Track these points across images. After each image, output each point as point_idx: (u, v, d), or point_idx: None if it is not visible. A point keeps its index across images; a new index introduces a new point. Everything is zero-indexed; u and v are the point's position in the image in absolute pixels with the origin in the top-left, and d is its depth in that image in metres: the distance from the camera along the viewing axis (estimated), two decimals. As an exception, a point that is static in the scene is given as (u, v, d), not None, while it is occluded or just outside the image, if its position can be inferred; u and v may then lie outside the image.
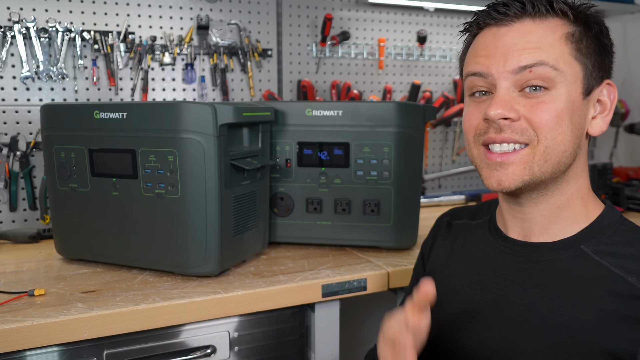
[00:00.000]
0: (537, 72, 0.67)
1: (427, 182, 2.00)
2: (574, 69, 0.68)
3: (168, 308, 0.94)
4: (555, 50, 0.67)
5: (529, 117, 0.67)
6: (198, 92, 1.65)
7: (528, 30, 0.68)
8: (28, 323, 0.86)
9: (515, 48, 0.68)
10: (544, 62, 0.67)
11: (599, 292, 0.67)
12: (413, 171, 1.24)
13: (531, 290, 0.72)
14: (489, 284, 0.77)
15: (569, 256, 0.71)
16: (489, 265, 0.78)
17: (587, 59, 0.69)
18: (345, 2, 1.82)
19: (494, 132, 0.69)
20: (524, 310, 0.72)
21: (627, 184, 1.87)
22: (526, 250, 0.74)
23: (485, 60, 0.70)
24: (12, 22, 1.41)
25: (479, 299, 0.77)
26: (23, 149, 1.45)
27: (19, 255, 1.25)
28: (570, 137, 0.68)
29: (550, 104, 0.67)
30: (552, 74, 0.67)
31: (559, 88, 0.67)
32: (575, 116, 0.68)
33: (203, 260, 1.04)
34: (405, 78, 1.94)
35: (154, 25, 1.58)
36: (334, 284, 1.07)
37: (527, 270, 0.73)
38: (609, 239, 0.70)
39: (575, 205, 0.72)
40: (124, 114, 1.05)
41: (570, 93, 0.68)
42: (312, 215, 1.26)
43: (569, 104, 0.67)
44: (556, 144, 0.67)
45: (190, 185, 1.02)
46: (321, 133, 1.23)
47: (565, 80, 0.67)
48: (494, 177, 0.70)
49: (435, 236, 0.92)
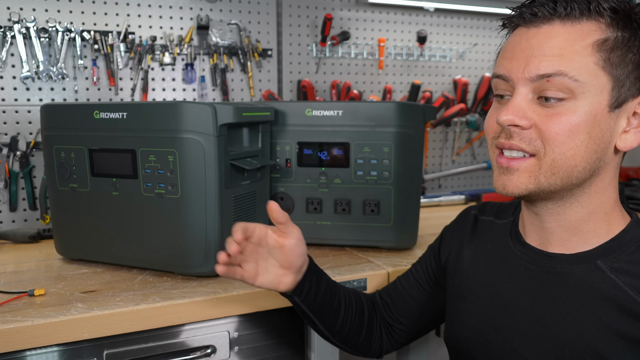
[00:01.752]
0: (555, 82, 0.63)
1: (427, 182, 2.00)
2: (599, 80, 0.63)
3: (168, 308, 0.94)
4: (579, 59, 0.63)
5: (540, 127, 0.65)
6: (198, 92, 1.65)
7: (555, 35, 0.64)
8: (28, 323, 0.86)
9: (537, 53, 0.64)
10: (563, 72, 0.63)
11: (608, 311, 0.64)
12: (413, 171, 1.23)
13: (542, 301, 0.71)
14: (501, 289, 0.76)
15: (583, 271, 0.68)
16: (505, 269, 0.77)
17: (620, 69, 0.64)
18: (345, 2, 1.82)
19: (504, 137, 0.68)
20: (532, 321, 0.71)
21: (627, 184, 1.87)
22: (541, 260, 0.72)
23: (508, 63, 0.67)
24: (12, 22, 1.41)
25: (491, 302, 0.77)
26: (23, 149, 1.45)
27: (19, 255, 1.25)
28: (584, 152, 0.64)
29: (565, 116, 0.63)
30: (571, 85, 0.63)
31: (580, 100, 0.63)
32: (596, 130, 0.64)
33: (203, 260, 1.04)
34: (405, 78, 1.94)
35: (154, 25, 1.58)
36: (334, 284, 1.08)
37: (539, 280, 0.72)
38: (629, 256, 0.66)
39: (597, 220, 0.69)
40: (124, 114, 1.05)
41: (593, 106, 0.63)
42: (312, 215, 1.26)
43: (588, 117, 0.63)
44: (565, 159, 0.64)
45: (190, 185, 1.02)
46: (321, 133, 1.23)
47: (587, 92, 0.63)
48: (500, 181, 0.69)
49: (461, 228, 0.91)
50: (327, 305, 0.89)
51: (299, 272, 0.85)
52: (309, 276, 0.86)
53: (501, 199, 1.88)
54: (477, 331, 0.78)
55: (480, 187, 2.10)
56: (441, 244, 0.94)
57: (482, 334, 0.77)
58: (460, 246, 0.88)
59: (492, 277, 0.78)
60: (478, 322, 0.78)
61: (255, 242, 0.81)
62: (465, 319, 0.81)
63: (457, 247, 0.89)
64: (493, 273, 0.78)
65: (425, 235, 1.40)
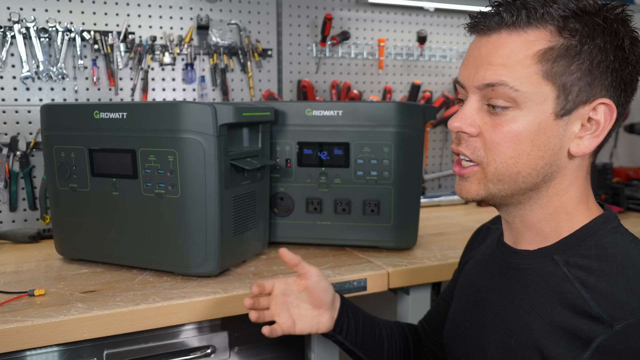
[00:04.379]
0: (499, 92, 0.64)
1: (427, 182, 2.00)
2: (542, 89, 0.63)
3: (168, 308, 0.94)
4: (520, 69, 0.63)
5: (484, 136, 0.67)
6: (198, 92, 1.65)
7: (501, 44, 0.65)
8: (28, 323, 0.86)
9: (484, 62, 0.66)
10: (504, 82, 0.64)
11: (553, 303, 0.65)
12: (413, 171, 1.23)
13: (504, 295, 0.73)
14: (480, 286, 0.79)
15: (540, 265, 0.70)
16: (487, 267, 0.80)
17: (566, 77, 0.63)
18: (345, 2, 1.82)
19: (455, 143, 0.71)
20: (495, 314, 0.74)
21: (627, 184, 1.87)
22: (510, 256, 0.75)
23: (464, 70, 0.69)
24: (12, 22, 1.41)
25: (472, 299, 0.80)
26: (23, 149, 1.45)
27: (19, 255, 1.25)
28: (526, 160, 0.65)
29: (506, 126, 0.65)
30: (513, 94, 0.64)
31: (523, 109, 0.64)
32: (541, 138, 0.65)
33: (203, 260, 1.04)
34: (405, 78, 1.94)
35: (154, 25, 1.58)
36: (334, 284, 1.07)
37: (506, 276, 0.74)
38: (586, 251, 0.67)
39: (558, 219, 0.70)
40: (124, 114, 1.05)
41: (537, 114, 0.64)
42: (312, 215, 1.26)
43: (531, 125, 0.64)
44: (507, 167, 0.66)
45: (190, 185, 1.02)
46: (321, 133, 1.23)
47: (529, 101, 0.64)
48: (458, 186, 0.72)
49: (474, 240, 0.95)
50: (369, 338, 0.94)
51: (333, 309, 0.90)
52: (344, 311, 0.92)
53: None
54: (458, 326, 0.82)
55: (480, 187, 2.10)
56: (461, 260, 0.96)
57: (461, 328, 0.81)
58: (469, 257, 0.91)
59: (477, 276, 0.81)
60: (460, 318, 0.82)
61: (279, 294, 0.88)
62: (453, 317, 0.85)
63: (467, 257, 0.92)
64: (479, 272, 0.82)
65: (425, 235, 1.40)
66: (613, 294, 0.61)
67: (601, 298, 0.61)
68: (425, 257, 1.22)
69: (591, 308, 0.61)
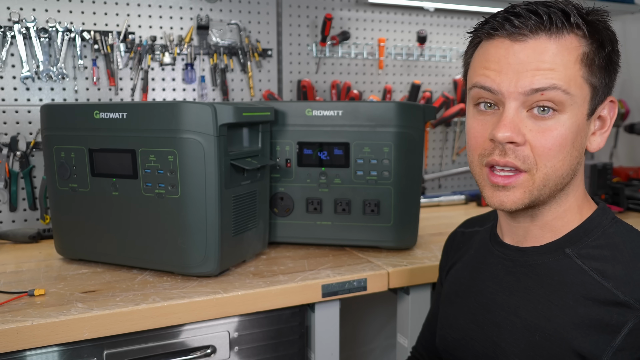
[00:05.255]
0: (549, 96, 0.64)
1: (427, 182, 2.00)
2: (583, 92, 0.66)
3: (168, 308, 0.94)
4: (568, 73, 0.65)
5: (533, 144, 0.66)
6: (198, 92, 1.65)
7: (543, 49, 0.65)
8: (28, 323, 0.86)
9: (529, 68, 0.65)
10: (557, 85, 0.64)
11: (575, 296, 0.67)
12: (413, 171, 1.23)
13: (516, 293, 0.73)
14: (482, 288, 0.79)
15: (552, 260, 0.71)
16: (485, 269, 0.80)
17: (596, 80, 0.67)
18: (345, 2, 1.82)
19: (498, 155, 0.68)
20: (508, 313, 0.74)
21: (627, 184, 1.87)
22: (515, 255, 0.75)
23: (496, 76, 0.67)
24: (12, 22, 1.41)
25: (474, 301, 0.80)
26: (23, 149, 1.44)
27: (19, 255, 1.25)
28: (569, 161, 0.68)
29: (556, 130, 0.66)
30: (563, 97, 0.65)
31: (568, 112, 0.66)
32: (578, 139, 0.68)
33: (203, 260, 1.04)
34: (405, 78, 1.94)
35: (154, 25, 1.58)
36: (334, 284, 1.07)
37: (514, 274, 0.74)
38: (595, 242, 0.70)
39: (570, 214, 0.73)
40: (124, 114, 1.05)
41: (578, 117, 0.67)
42: (312, 215, 1.26)
43: (574, 128, 0.66)
44: (555, 171, 0.67)
45: (190, 185, 1.02)
46: (321, 133, 1.23)
47: (574, 104, 0.66)
48: (497, 198, 0.69)
49: (450, 248, 0.94)
50: None
51: None
52: None
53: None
54: (463, 330, 0.81)
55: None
56: (441, 268, 0.96)
57: (467, 332, 0.80)
58: (452, 263, 0.91)
59: (475, 279, 0.81)
60: (463, 322, 0.81)
61: None
62: (452, 321, 0.84)
63: (449, 265, 0.92)
64: (475, 275, 0.82)
65: (425, 235, 1.40)
66: (632, 279, 0.64)
67: (623, 285, 0.64)
68: (425, 257, 1.22)
69: (616, 296, 0.64)
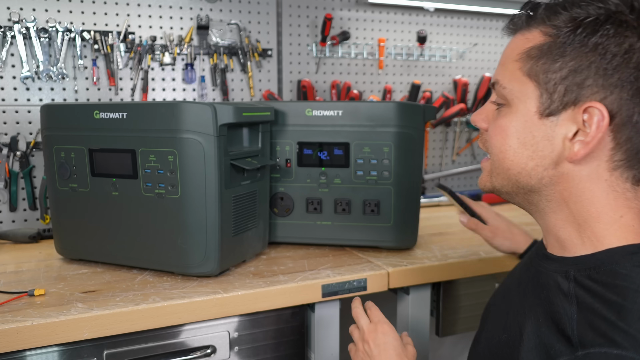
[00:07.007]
0: (496, 90, 0.69)
1: (427, 182, 2.00)
2: (525, 87, 0.65)
3: (168, 308, 0.94)
4: (510, 67, 0.67)
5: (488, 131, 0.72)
6: (198, 92, 1.65)
7: (509, 45, 0.69)
8: (28, 323, 0.86)
9: (498, 64, 0.71)
10: (497, 80, 0.68)
11: (547, 314, 0.64)
12: (413, 171, 1.23)
13: (518, 294, 0.74)
14: (513, 277, 0.82)
15: (555, 273, 0.67)
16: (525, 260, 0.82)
17: (550, 75, 0.62)
18: (345, 2, 1.82)
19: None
20: (503, 307, 0.76)
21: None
22: (539, 256, 0.74)
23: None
24: (12, 22, 1.41)
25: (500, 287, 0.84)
26: (23, 149, 1.44)
27: (19, 255, 1.25)
28: (513, 156, 0.67)
29: (497, 120, 0.69)
30: (503, 92, 0.67)
31: (513, 105, 0.67)
32: (527, 136, 0.65)
33: (203, 260, 1.04)
34: (405, 78, 1.94)
35: (154, 25, 1.58)
36: (334, 284, 1.07)
37: (528, 273, 0.75)
38: (598, 275, 0.62)
39: (570, 230, 0.67)
40: (124, 114, 1.05)
41: (523, 112, 0.65)
42: (312, 215, 1.26)
43: (518, 122, 0.66)
44: (499, 160, 0.69)
45: (190, 185, 1.02)
46: (321, 133, 1.23)
47: (516, 98, 0.66)
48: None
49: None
50: None
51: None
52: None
53: (500, 199, 1.88)
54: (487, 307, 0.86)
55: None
56: None
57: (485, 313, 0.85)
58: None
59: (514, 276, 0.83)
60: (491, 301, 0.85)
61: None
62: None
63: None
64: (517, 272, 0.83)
65: (425, 235, 1.40)
66: (597, 322, 0.57)
67: (584, 321, 0.59)
68: (425, 257, 1.22)
69: (570, 328, 0.59)
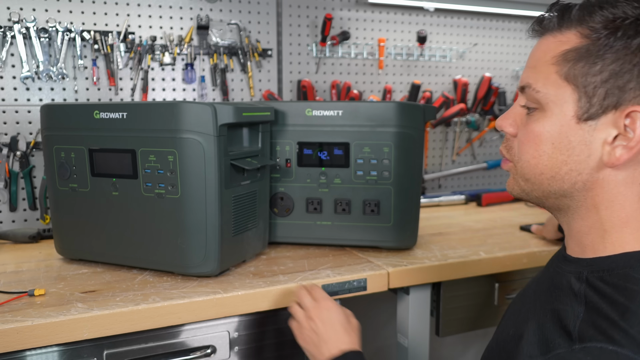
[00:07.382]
0: (527, 94, 0.67)
1: (427, 182, 2.00)
2: (562, 91, 0.63)
3: (168, 308, 0.94)
4: (544, 70, 0.64)
5: (518, 136, 0.70)
6: (198, 92, 1.65)
7: (539, 47, 0.67)
8: (28, 323, 0.86)
9: (525, 66, 0.69)
10: (529, 84, 0.66)
11: (555, 312, 0.64)
12: (413, 171, 1.23)
13: (534, 293, 0.74)
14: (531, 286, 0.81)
15: (569, 274, 0.68)
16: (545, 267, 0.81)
17: (590, 78, 0.61)
18: (345, 2, 1.82)
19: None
20: (520, 303, 0.77)
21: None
22: (556, 259, 0.75)
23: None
24: (12, 22, 1.41)
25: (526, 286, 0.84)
26: (23, 149, 1.44)
27: (19, 255, 1.25)
28: (547, 161, 0.65)
29: (530, 125, 0.67)
30: (537, 96, 0.65)
31: (547, 110, 0.65)
32: (563, 141, 0.64)
33: (203, 260, 1.04)
34: (405, 78, 1.94)
35: (154, 25, 1.58)
36: (334, 284, 1.07)
37: (547, 273, 0.75)
38: (610, 278, 0.62)
39: (595, 235, 0.66)
40: (124, 114, 1.05)
41: (559, 117, 0.64)
42: (312, 215, 1.26)
43: (553, 127, 0.64)
44: (530, 166, 0.67)
45: (190, 185, 1.02)
46: (321, 133, 1.23)
47: (552, 102, 0.64)
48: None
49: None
50: None
51: None
52: None
53: (500, 199, 1.88)
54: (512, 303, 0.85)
55: (480, 187, 2.10)
56: None
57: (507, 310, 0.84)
58: None
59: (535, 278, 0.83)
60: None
61: None
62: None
63: None
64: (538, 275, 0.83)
65: (425, 235, 1.40)
66: (600, 321, 0.58)
67: (589, 320, 0.59)
68: (425, 257, 1.22)
69: (573, 325, 0.59)
